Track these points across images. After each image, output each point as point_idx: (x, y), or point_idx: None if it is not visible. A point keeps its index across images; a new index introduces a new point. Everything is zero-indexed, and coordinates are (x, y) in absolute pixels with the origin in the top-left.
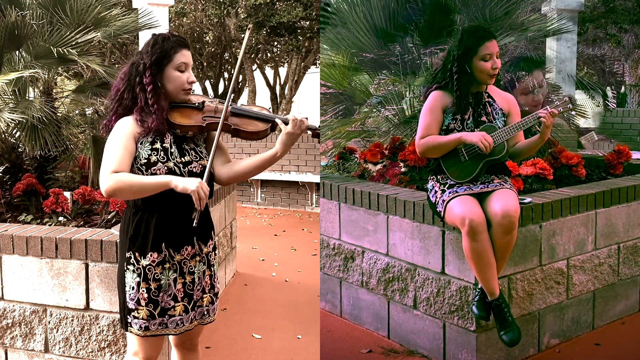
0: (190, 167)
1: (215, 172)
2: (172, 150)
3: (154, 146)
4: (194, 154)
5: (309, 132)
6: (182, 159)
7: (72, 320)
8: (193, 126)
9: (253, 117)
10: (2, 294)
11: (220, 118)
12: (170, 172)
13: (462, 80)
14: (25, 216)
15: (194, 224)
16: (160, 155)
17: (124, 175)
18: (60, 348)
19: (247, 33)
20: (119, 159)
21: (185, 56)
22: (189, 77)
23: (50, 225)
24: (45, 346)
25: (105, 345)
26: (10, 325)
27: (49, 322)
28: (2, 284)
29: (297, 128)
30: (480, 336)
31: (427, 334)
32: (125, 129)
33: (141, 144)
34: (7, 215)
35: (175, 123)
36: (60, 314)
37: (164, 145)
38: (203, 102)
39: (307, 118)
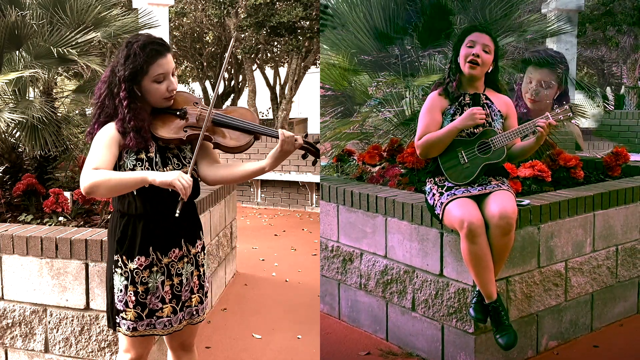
0: None
1: (200, 173)
2: (157, 160)
3: (139, 156)
4: (176, 161)
5: (305, 150)
6: (165, 169)
7: (72, 320)
8: (174, 139)
9: (236, 128)
10: (2, 294)
11: (202, 128)
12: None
13: (452, 68)
14: (25, 216)
15: (176, 214)
16: (145, 166)
17: (103, 172)
18: (60, 348)
19: (232, 42)
20: (101, 159)
21: (162, 66)
22: (169, 86)
23: (50, 225)
24: (45, 346)
25: (105, 345)
26: (10, 325)
27: (49, 322)
28: (2, 284)
29: (290, 145)
30: (478, 338)
31: (425, 336)
32: (109, 134)
33: (127, 153)
34: (7, 215)
35: (156, 135)
36: (60, 314)
37: (148, 155)
38: (185, 111)
39: (305, 135)
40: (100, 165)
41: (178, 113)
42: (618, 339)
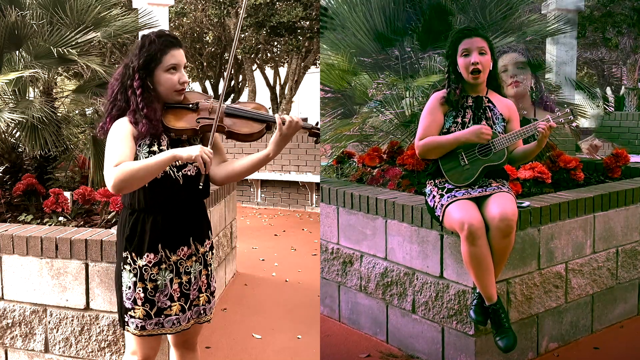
0: (185, 171)
1: (210, 172)
2: None
3: (151, 149)
4: None
5: (310, 133)
6: (177, 162)
7: (72, 320)
8: (187, 129)
9: (248, 118)
10: (2, 294)
11: (214, 119)
12: (166, 175)
13: (452, 79)
14: (25, 216)
15: (200, 185)
16: None
17: (127, 164)
18: (60, 348)
19: (239, 27)
20: (121, 154)
21: (175, 57)
22: (181, 78)
23: (50, 225)
24: (45, 346)
25: (105, 345)
26: (10, 325)
27: (49, 322)
28: (2, 284)
29: (290, 129)
30: (478, 340)
31: (425, 338)
32: (124, 128)
33: (139, 146)
34: (7, 215)
35: (168, 126)
36: (60, 314)
37: (161, 148)
38: (197, 103)
39: (306, 118)
40: (120, 161)
41: (190, 106)
42: (618, 341)
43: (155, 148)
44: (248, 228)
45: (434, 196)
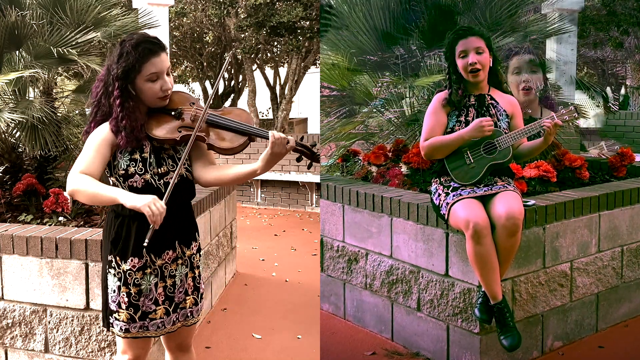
0: (167, 179)
1: (195, 174)
2: (151, 160)
3: (132, 156)
4: (171, 162)
5: (294, 150)
6: (159, 169)
7: (72, 320)
8: (168, 139)
9: (230, 129)
10: (2, 294)
11: (194, 130)
12: (147, 184)
13: (453, 79)
14: (25, 216)
15: (144, 243)
16: (138, 166)
17: (86, 179)
18: (60, 348)
19: (227, 59)
20: (89, 161)
21: (155, 65)
22: (163, 85)
23: (50, 225)
24: (45, 346)
25: (105, 345)
26: (10, 325)
27: (49, 322)
28: (2, 284)
29: (281, 147)
30: (483, 338)
31: (430, 336)
32: (102, 135)
33: (121, 153)
34: (7, 215)
35: (150, 135)
36: (60, 314)
37: (142, 155)
38: (180, 111)
39: (306, 118)
40: (86, 169)
41: (173, 113)
42: (623, 340)
43: (136, 156)
44: (248, 228)
45: (439, 194)
